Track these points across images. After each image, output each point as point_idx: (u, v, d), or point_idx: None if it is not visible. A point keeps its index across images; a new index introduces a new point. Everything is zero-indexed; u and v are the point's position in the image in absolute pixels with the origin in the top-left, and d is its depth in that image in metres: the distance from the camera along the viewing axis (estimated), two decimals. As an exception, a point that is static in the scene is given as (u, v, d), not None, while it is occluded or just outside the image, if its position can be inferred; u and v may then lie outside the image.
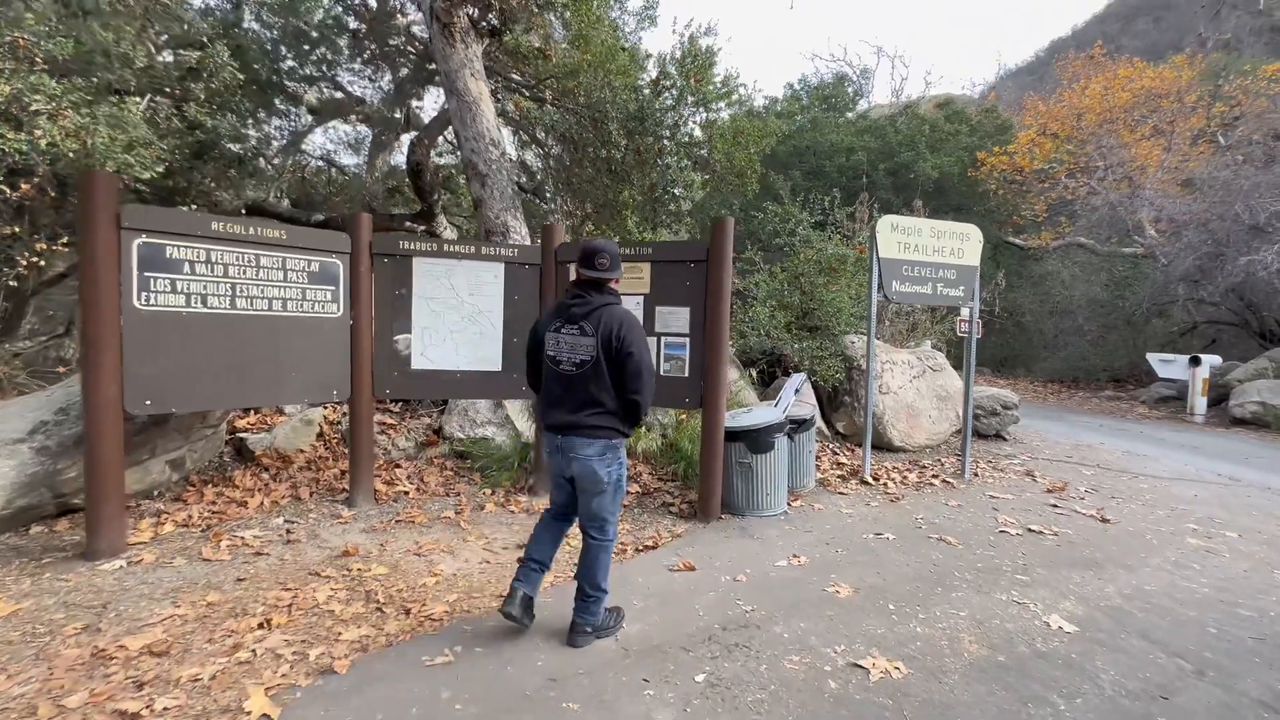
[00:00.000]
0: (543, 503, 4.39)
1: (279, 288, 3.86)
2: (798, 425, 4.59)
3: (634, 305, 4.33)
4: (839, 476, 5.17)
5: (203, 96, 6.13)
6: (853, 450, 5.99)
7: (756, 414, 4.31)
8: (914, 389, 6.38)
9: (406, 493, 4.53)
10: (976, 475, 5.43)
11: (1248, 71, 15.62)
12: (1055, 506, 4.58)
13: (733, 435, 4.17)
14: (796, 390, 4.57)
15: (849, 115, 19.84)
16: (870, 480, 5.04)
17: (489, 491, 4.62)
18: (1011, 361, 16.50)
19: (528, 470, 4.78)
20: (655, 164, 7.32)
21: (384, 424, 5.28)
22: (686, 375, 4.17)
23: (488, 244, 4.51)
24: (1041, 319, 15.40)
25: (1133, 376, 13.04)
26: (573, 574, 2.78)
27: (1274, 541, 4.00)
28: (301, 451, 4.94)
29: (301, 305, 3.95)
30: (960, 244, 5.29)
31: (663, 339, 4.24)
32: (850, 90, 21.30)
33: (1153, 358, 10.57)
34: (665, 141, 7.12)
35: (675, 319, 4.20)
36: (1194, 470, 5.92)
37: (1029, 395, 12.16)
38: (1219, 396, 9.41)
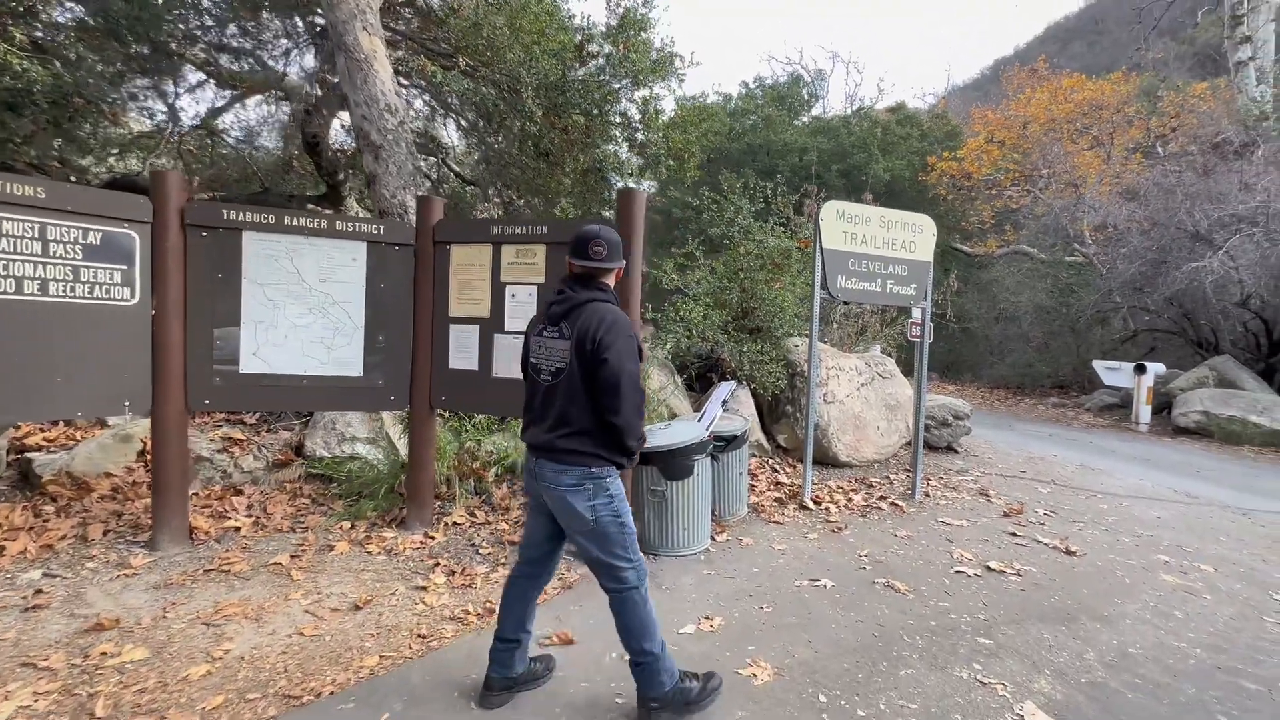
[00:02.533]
0: (414, 539, 3.54)
1: (35, 264, 2.88)
2: (726, 443, 3.88)
3: (525, 297, 3.53)
4: (776, 500, 4.49)
5: (21, 38, 4.99)
6: (794, 466, 5.35)
7: (674, 431, 3.57)
8: (861, 398, 5.80)
9: (238, 528, 3.59)
10: (928, 495, 4.85)
11: (1180, 88, 16.09)
12: (1014, 535, 4.01)
13: (643, 458, 3.42)
14: (725, 401, 3.86)
15: (804, 119, 19.59)
16: (811, 505, 4.38)
17: (348, 525, 3.72)
18: (959, 367, 16.47)
19: (403, 496, 3.90)
20: (585, 145, 6.54)
21: (229, 439, 4.30)
22: (588, 383, 3.39)
23: (344, 218, 3.62)
24: (988, 325, 15.37)
25: (1076, 383, 13.04)
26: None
27: (1250, 576, 3.52)
28: (109, 476, 3.91)
29: (73, 288, 2.98)
30: (912, 236, 4.71)
31: (560, 339, 3.45)
32: (805, 92, 21.06)
33: (1099, 365, 10.44)
34: (597, 121, 6.34)
35: (575, 314, 3.42)
36: (1150, 486, 5.53)
37: (977, 401, 11.95)
38: (1162, 404, 9.30)
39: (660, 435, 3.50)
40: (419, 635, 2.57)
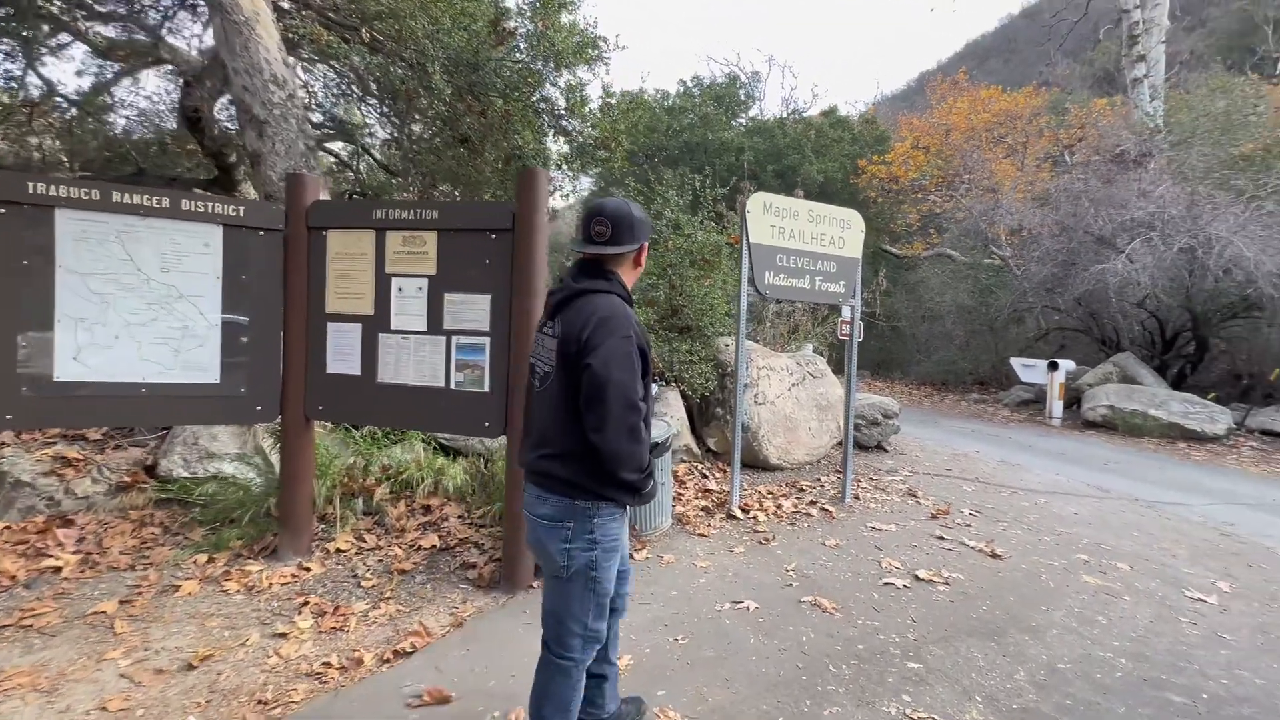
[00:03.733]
0: (284, 572, 3.04)
1: None
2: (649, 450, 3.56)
3: (414, 291, 3.09)
4: (703, 510, 4.23)
5: None
6: (724, 471, 5.12)
7: (586, 440, 3.22)
8: (793, 398, 5.65)
9: (58, 568, 2.97)
10: (858, 498, 4.73)
11: (1084, 103, 17.24)
12: (942, 539, 3.92)
13: (552, 471, 3.06)
14: (644, 406, 3.55)
15: (741, 120, 19.71)
16: (739, 514, 4.14)
17: (204, 559, 3.16)
18: (889, 365, 16.98)
19: (277, 520, 3.37)
20: (506, 131, 6.08)
21: (61, 459, 3.61)
22: (486, 390, 3.00)
23: (192, 196, 3.06)
24: (915, 324, 15.90)
25: (995, 379, 13.63)
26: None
27: (1163, 573, 3.54)
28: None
29: None
30: (841, 232, 4.56)
31: (454, 339, 3.04)
32: (742, 93, 21.22)
33: (1016, 362, 10.89)
34: (517, 105, 5.89)
35: (470, 311, 3.02)
36: (1066, 481, 5.66)
37: (905, 398, 12.26)
38: (1072, 399, 9.76)
39: (570, 446, 3.14)
40: (260, 701, 2.11)
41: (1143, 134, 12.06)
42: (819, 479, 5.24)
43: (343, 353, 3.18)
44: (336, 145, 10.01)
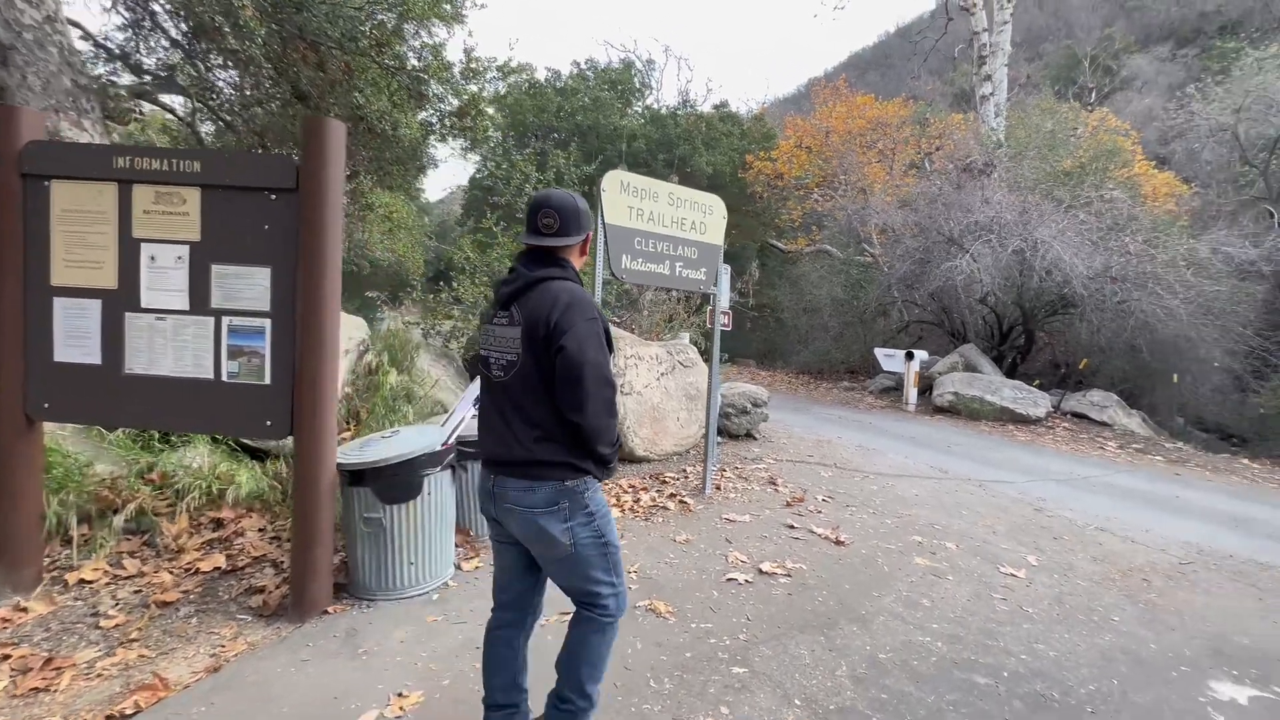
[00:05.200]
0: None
1: None
2: (482, 449, 3.22)
3: (172, 262, 2.51)
4: (555, 508, 3.95)
5: None
6: (588, 465, 4.88)
7: (400, 440, 2.81)
8: (661, 388, 5.52)
9: None
10: (719, 489, 4.68)
11: (942, 117, 18.92)
12: (792, 527, 3.93)
13: (354, 477, 2.63)
14: (478, 399, 3.19)
15: (637, 108, 19.54)
16: (592, 511, 3.90)
17: None
18: (773, 355, 17.71)
19: None
20: (349, 87, 5.38)
21: None
22: (268, 382, 2.50)
23: None
24: (797, 315, 16.69)
25: (863, 368, 14.61)
26: None
27: (984, 550, 3.77)
28: None
29: None
30: (703, 217, 4.44)
31: (225, 321, 2.50)
32: (637, 80, 21.07)
33: (879, 352, 11.66)
34: (358, 59, 5.21)
35: (246, 287, 2.49)
36: (913, 464, 6.02)
37: (784, 386, 12.79)
38: (925, 386, 10.61)
39: (377, 447, 2.72)
40: None
41: (988, 147, 13.35)
42: (684, 470, 5.16)
43: (76, 337, 2.53)
44: (178, 101, 8.50)
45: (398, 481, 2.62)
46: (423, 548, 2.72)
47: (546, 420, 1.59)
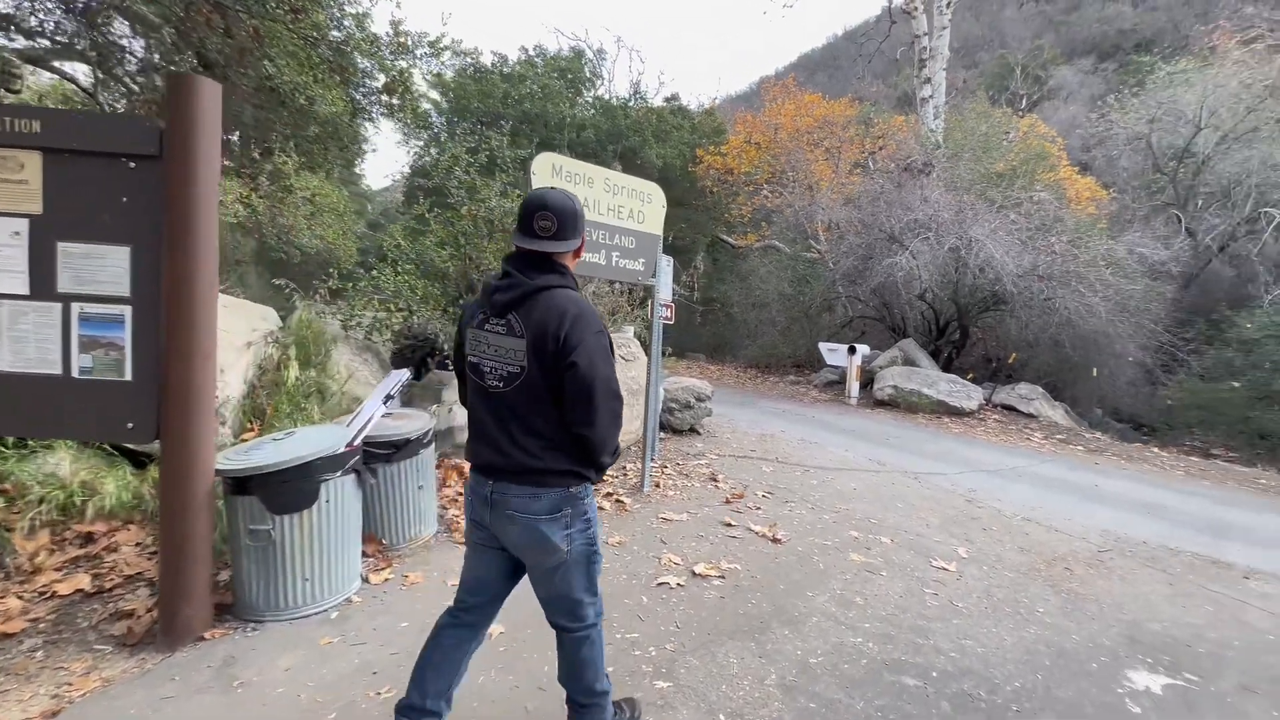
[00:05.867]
0: None
1: None
2: (395, 450, 2.96)
3: (7, 238, 2.14)
4: (482, 511, 3.72)
5: None
6: (523, 464, 4.65)
7: (297, 441, 2.53)
8: (602, 383, 5.34)
9: None
10: (658, 486, 4.56)
11: (886, 118, 19.44)
12: (730, 525, 3.84)
13: (238, 486, 2.33)
14: (390, 396, 2.92)
15: (587, 97, 19.18)
16: (522, 513, 3.70)
17: None
18: (722, 349, 17.82)
19: None
20: (259, 55, 4.92)
21: None
22: (129, 378, 2.17)
23: None
24: (746, 310, 16.83)
25: (809, 362, 14.86)
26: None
27: (917, 544, 3.78)
28: None
29: None
30: (641, 205, 4.27)
31: (75, 308, 2.16)
32: (588, 70, 20.69)
33: (823, 347, 11.85)
34: (268, 25, 4.77)
35: (100, 268, 2.16)
36: (853, 458, 6.08)
37: (732, 379, 12.84)
38: (867, 380, 10.85)
39: (266, 450, 2.43)
40: None
41: (927, 147, 13.76)
42: (625, 467, 5.00)
43: (-115, 324, 2.13)
44: (83, 70, 7.63)
45: (288, 489, 2.35)
46: (319, 562, 2.45)
47: (551, 431, 1.59)
